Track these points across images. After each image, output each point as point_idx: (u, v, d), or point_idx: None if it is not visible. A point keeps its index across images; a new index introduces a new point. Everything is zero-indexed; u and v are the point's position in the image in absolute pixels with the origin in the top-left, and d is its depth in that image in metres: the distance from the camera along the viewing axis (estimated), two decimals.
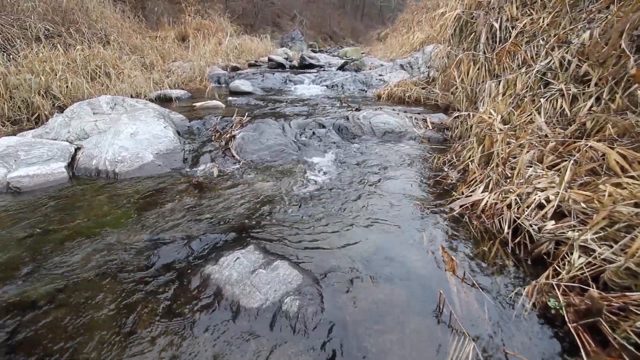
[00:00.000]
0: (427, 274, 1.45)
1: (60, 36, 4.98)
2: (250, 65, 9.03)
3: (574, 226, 1.43)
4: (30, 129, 3.06)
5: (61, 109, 3.44)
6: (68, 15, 5.47)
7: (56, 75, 3.96)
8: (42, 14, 5.12)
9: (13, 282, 1.37)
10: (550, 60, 2.49)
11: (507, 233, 1.62)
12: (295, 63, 9.52)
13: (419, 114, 3.75)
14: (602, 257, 1.25)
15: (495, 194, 1.82)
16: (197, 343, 1.12)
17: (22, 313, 1.22)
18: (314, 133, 3.23)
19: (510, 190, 1.76)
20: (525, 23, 2.94)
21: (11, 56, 4.08)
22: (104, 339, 1.12)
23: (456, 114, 3.25)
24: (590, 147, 1.71)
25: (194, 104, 4.47)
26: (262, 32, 13.76)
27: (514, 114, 2.43)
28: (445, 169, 2.50)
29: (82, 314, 1.22)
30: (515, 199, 1.69)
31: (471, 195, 1.95)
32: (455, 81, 3.66)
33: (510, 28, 3.08)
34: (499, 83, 2.83)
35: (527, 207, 1.62)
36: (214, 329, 1.17)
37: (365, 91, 5.86)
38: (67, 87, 3.96)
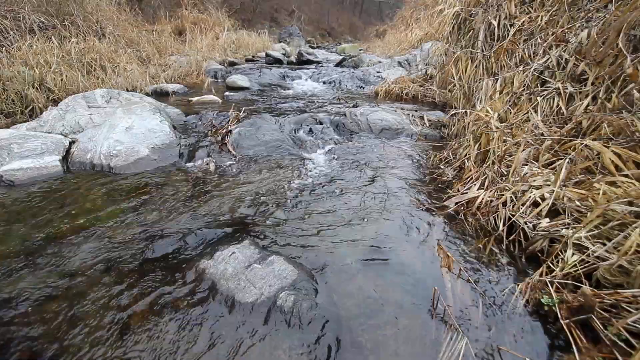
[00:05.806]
0: (422, 270, 1.46)
1: (54, 28, 4.90)
2: (248, 61, 8.96)
3: (568, 224, 1.44)
4: (24, 121, 3.02)
5: (56, 102, 3.40)
6: (62, 7, 5.38)
7: (50, 67, 3.90)
8: (36, 5, 5.03)
9: (6, 276, 1.36)
10: (548, 59, 2.50)
11: (502, 230, 1.63)
12: (292, 59, 9.45)
13: (416, 111, 3.74)
14: (595, 254, 1.26)
15: (490, 191, 1.83)
16: (192, 337, 1.11)
17: (16, 307, 1.21)
18: (310, 129, 3.22)
19: (506, 187, 1.77)
20: (524, 21, 2.94)
21: (4, 48, 4.02)
22: (97, 333, 1.12)
23: (453, 112, 3.25)
24: (586, 145, 1.72)
25: (190, 99, 4.43)
26: (259, 27, 13.66)
27: (510, 112, 2.43)
28: (442, 166, 2.50)
29: (75, 308, 1.21)
30: (511, 197, 1.70)
31: (467, 193, 1.96)
32: (453, 79, 3.66)
33: (508, 26, 3.08)
34: (496, 81, 2.84)
35: (522, 204, 1.63)
36: (209, 323, 1.17)
37: (363, 88, 5.84)
38: (61, 80, 3.90)
